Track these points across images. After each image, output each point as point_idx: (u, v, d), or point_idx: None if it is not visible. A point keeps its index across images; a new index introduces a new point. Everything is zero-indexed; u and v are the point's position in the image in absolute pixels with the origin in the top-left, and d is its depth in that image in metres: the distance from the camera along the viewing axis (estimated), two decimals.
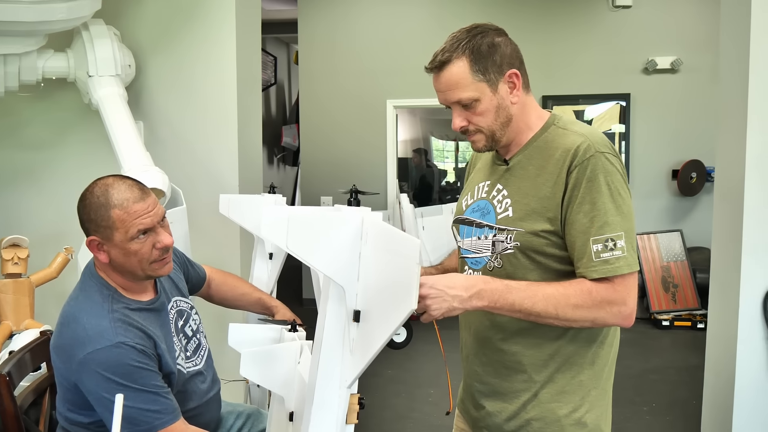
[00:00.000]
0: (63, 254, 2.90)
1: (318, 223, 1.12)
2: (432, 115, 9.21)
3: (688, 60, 6.01)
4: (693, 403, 4.02)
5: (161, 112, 3.25)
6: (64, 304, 1.71)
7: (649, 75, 6.11)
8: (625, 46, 6.07)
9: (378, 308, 1.09)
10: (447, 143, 10.00)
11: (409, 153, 9.27)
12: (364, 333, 1.12)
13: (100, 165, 3.23)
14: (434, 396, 4.25)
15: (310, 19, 6.52)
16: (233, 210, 2.32)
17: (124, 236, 1.63)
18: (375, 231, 1.11)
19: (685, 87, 6.06)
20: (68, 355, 1.59)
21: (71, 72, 2.96)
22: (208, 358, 1.93)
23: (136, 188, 1.67)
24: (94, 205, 1.64)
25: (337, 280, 1.12)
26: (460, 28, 1.48)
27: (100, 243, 1.65)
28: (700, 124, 5.99)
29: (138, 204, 1.64)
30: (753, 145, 2.72)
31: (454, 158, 9.89)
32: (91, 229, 1.66)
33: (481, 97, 1.42)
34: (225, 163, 3.20)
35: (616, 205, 1.35)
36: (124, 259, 1.65)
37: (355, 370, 1.14)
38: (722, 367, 2.94)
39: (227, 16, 3.15)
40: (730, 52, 2.92)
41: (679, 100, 6.07)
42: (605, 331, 1.47)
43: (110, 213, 1.62)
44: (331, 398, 1.19)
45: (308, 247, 1.11)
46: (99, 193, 1.64)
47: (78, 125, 3.29)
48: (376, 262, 1.10)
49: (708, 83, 5.98)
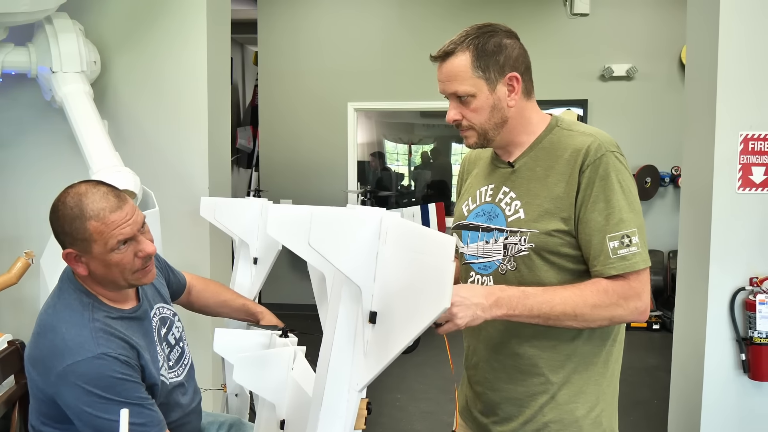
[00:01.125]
0: (23, 259, 2.75)
1: (339, 222, 1.10)
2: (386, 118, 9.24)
3: (643, 68, 6.18)
4: (655, 403, 4.11)
5: (127, 111, 3.14)
6: (41, 312, 1.60)
7: (606, 82, 6.25)
8: (583, 53, 6.20)
9: (399, 310, 1.06)
10: (399, 146, 10.04)
11: (366, 156, 9.26)
12: (381, 335, 1.09)
13: (62, 166, 3.12)
14: (402, 401, 4.23)
15: (270, 20, 6.44)
16: (219, 213, 2.26)
17: (103, 248, 1.52)
18: (398, 230, 1.09)
19: (640, 94, 6.22)
20: (46, 367, 1.49)
21: (33, 67, 2.83)
22: (190, 368, 1.85)
23: (112, 196, 1.55)
24: (68, 217, 1.52)
25: (354, 279, 1.10)
26: (472, 24, 1.47)
27: (77, 255, 1.55)
28: (654, 130, 6.16)
29: (115, 213, 1.52)
30: (721, 151, 2.78)
31: (407, 161, 9.94)
32: (66, 242, 1.55)
33: (478, 93, 1.43)
34: (195, 164, 3.11)
35: (629, 202, 1.38)
36: (104, 271, 1.56)
37: (369, 374, 1.11)
38: (690, 368, 3.00)
39: (198, 15, 3.07)
40: (696, 59, 2.98)
41: (634, 106, 6.23)
42: (617, 329, 1.49)
43: (86, 225, 1.50)
44: (339, 402, 1.15)
45: (330, 245, 1.08)
46: (72, 204, 1.52)
47: (38, 124, 3.15)
48: (397, 262, 1.08)
49: (662, 90, 6.17)
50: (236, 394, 2.30)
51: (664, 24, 6.12)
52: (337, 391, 1.15)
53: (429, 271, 1.02)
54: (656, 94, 6.19)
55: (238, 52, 9.34)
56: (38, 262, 2.69)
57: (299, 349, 1.64)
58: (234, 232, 2.24)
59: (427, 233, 1.04)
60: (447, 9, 6.22)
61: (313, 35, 6.42)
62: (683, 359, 3.10)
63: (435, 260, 1.01)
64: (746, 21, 2.74)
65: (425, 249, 1.03)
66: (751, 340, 2.77)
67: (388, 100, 6.45)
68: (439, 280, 0.99)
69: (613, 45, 6.20)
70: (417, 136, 7.34)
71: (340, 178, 6.49)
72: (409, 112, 6.88)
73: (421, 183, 7.49)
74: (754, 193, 2.78)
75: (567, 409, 1.45)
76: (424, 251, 1.04)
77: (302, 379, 1.56)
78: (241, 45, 9.37)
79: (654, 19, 6.17)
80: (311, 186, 6.44)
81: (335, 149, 6.49)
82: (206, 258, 3.13)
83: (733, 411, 2.85)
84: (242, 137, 8.70)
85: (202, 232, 3.12)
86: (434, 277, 1.00)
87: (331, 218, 1.10)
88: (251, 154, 8.25)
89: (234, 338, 1.79)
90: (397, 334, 1.06)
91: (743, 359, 2.79)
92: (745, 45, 2.75)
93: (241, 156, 9.16)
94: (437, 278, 1.00)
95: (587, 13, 6.13)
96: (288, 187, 6.45)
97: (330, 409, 1.15)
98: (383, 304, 1.10)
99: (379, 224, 1.11)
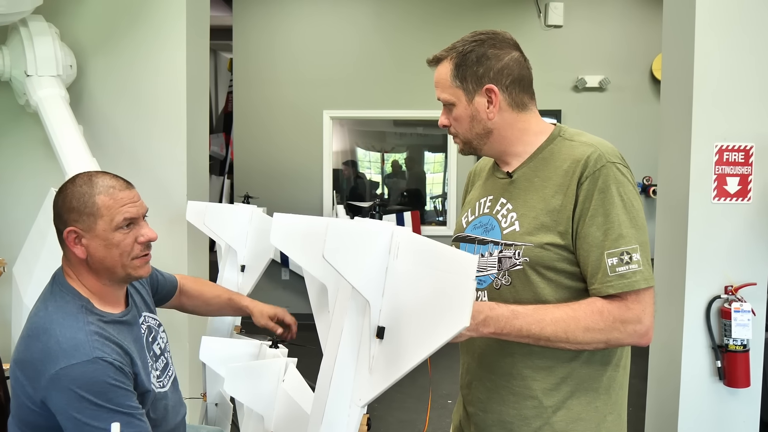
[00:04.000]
0: None
1: (355, 234, 1.08)
2: (359, 126, 9.25)
3: (615, 79, 6.28)
4: (630, 410, 4.15)
5: (103, 116, 3.08)
6: (30, 315, 1.56)
7: (579, 92, 6.34)
8: (557, 64, 6.27)
9: (411, 326, 1.04)
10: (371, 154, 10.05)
11: (340, 164, 9.25)
12: (389, 351, 1.07)
13: (36, 171, 3.04)
14: (378, 410, 4.21)
15: (245, 27, 6.40)
16: (208, 218, 2.22)
17: (108, 224, 1.54)
18: (412, 245, 1.07)
19: (612, 105, 6.33)
20: (37, 371, 1.45)
21: (6, 71, 2.77)
22: (174, 380, 1.82)
23: (120, 179, 1.62)
24: (77, 193, 1.55)
25: (364, 293, 1.07)
26: (474, 31, 1.47)
27: (78, 235, 1.55)
28: (626, 140, 6.24)
29: (124, 192, 1.58)
30: (697, 162, 2.82)
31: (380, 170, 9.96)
32: (70, 219, 1.55)
33: (457, 102, 1.43)
34: (172, 170, 3.06)
35: (630, 217, 1.31)
36: (104, 252, 1.55)
37: (374, 390, 1.09)
38: (667, 376, 3.03)
39: (178, 20, 3.03)
40: (672, 71, 3.03)
41: (606, 117, 6.33)
42: (619, 353, 1.42)
43: (95, 199, 1.54)
44: (340, 417, 1.13)
45: (344, 258, 1.06)
46: (82, 183, 1.57)
47: (11, 128, 3.07)
48: (410, 278, 1.06)
49: (634, 101, 6.29)
50: (216, 403, 2.26)
51: (636, 36, 6.24)
52: (339, 406, 1.13)
53: (446, 289, 0.99)
54: (628, 105, 6.30)
55: (211, 58, 9.27)
56: (10, 270, 2.63)
57: (291, 361, 1.61)
58: (222, 237, 2.21)
59: (445, 250, 1.02)
60: (422, 18, 6.25)
61: (289, 43, 6.39)
62: (660, 367, 3.13)
63: (454, 278, 0.98)
64: (722, 33, 2.80)
65: (444, 266, 1.01)
66: (726, 348, 2.81)
67: (363, 108, 6.45)
68: (458, 299, 0.97)
69: (587, 56, 6.29)
70: (390, 144, 7.36)
71: (316, 186, 6.46)
72: (382, 121, 6.90)
73: (396, 191, 7.49)
74: (728, 202, 2.83)
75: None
76: (442, 268, 1.01)
77: (294, 391, 1.53)
78: (214, 51, 9.31)
79: (626, 32, 6.28)
80: (286, 193, 6.40)
81: (310, 157, 6.46)
82: (184, 265, 3.08)
83: (710, 417, 2.89)
84: (215, 144, 8.62)
85: (180, 239, 3.07)
86: (452, 295, 0.98)
87: (347, 231, 1.08)
88: (224, 162, 8.19)
89: (221, 347, 1.75)
90: (409, 351, 1.04)
91: (719, 366, 2.84)
92: (720, 57, 2.80)
93: (214, 163, 9.09)
94: (456, 296, 0.98)
95: (561, 25, 6.23)
96: (262, 194, 6.40)
97: (330, 425, 1.13)
98: (392, 319, 1.08)
99: (390, 238, 1.10)
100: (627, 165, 1.38)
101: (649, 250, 1.34)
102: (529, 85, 1.47)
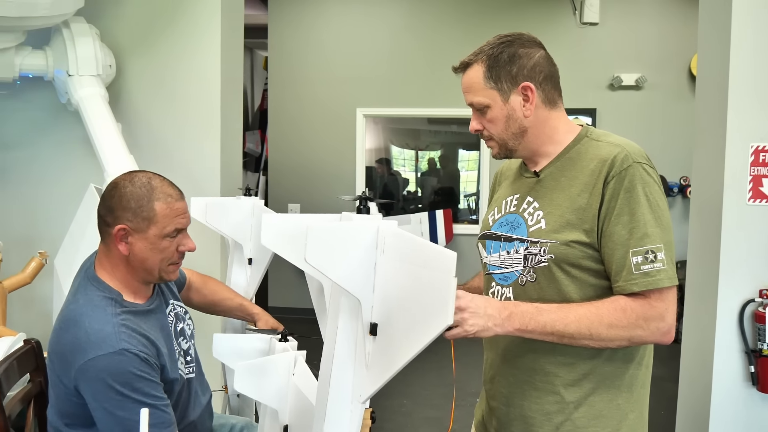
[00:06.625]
0: (37, 259, 2.77)
1: (336, 235, 1.07)
2: (393, 124, 9.28)
3: (651, 77, 6.18)
4: (661, 414, 4.10)
5: (141, 114, 3.17)
6: (63, 308, 1.64)
7: (615, 91, 6.26)
8: (592, 62, 6.21)
9: (400, 322, 1.04)
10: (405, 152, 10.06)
11: (373, 162, 9.28)
12: (383, 347, 1.07)
13: (76, 168, 3.14)
14: (407, 406, 4.23)
15: (280, 26, 6.47)
16: (210, 214, 2.22)
17: (160, 231, 1.61)
18: (396, 241, 1.07)
19: (649, 103, 6.23)
20: (67, 361, 1.52)
21: (49, 70, 2.86)
22: (199, 363, 1.88)
23: (176, 188, 1.69)
24: (136, 195, 1.61)
25: (353, 292, 1.08)
26: (498, 34, 1.48)
27: (127, 233, 1.61)
28: (662, 140, 6.16)
29: (179, 203, 1.66)
30: (732, 163, 2.78)
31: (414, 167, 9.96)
32: (124, 218, 1.61)
33: (492, 104, 1.44)
34: (207, 167, 3.13)
35: (656, 217, 1.33)
36: (148, 255, 1.62)
37: (372, 386, 1.10)
38: (698, 380, 2.99)
39: (212, 19, 3.10)
40: (707, 70, 2.98)
41: (642, 115, 6.23)
42: (642, 351, 1.43)
43: (153, 205, 1.61)
44: (343, 414, 1.14)
45: (326, 260, 1.05)
46: (141, 184, 1.62)
47: (52, 126, 3.18)
48: (396, 274, 1.06)
49: (671, 100, 6.18)
50: (237, 395, 2.30)
51: (673, 33, 6.13)
52: (340, 403, 1.14)
53: (430, 286, 0.99)
54: (665, 103, 6.19)
55: (248, 56, 9.39)
56: (52, 262, 2.72)
57: (300, 354, 1.63)
58: (225, 233, 2.20)
59: (427, 246, 1.02)
60: (455, 16, 6.24)
61: (323, 41, 6.45)
62: (691, 371, 3.10)
63: (436, 274, 0.99)
64: (758, 32, 2.74)
65: (425, 262, 1.01)
66: (760, 353, 2.76)
67: (396, 106, 6.47)
68: (440, 296, 0.97)
69: (623, 54, 6.21)
70: (424, 142, 7.35)
71: (348, 184, 6.50)
72: (417, 119, 6.90)
73: (428, 189, 7.49)
74: (764, 204, 2.78)
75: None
76: (424, 264, 1.01)
77: (303, 384, 1.55)
78: (250, 49, 9.42)
79: (664, 29, 6.18)
80: (318, 191, 6.46)
81: (343, 155, 6.51)
82: (217, 261, 3.15)
83: (741, 423, 2.84)
84: (250, 141, 8.74)
85: (213, 234, 3.14)
86: (436, 292, 0.98)
87: (327, 232, 1.07)
88: (259, 158, 8.30)
89: (233, 343, 1.78)
90: (400, 347, 1.05)
91: (752, 371, 2.79)
92: (756, 56, 2.75)
93: (249, 160, 9.22)
94: (438, 294, 0.98)
95: (596, 22, 6.15)
96: (295, 192, 6.47)
97: (334, 422, 1.14)
98: (384, 315, 1.08)
99: (376, 234, 1.09)
100: (653, 165, 1.39)
101: (674, 250, 1.35)
102: (558, 82, 1.49)
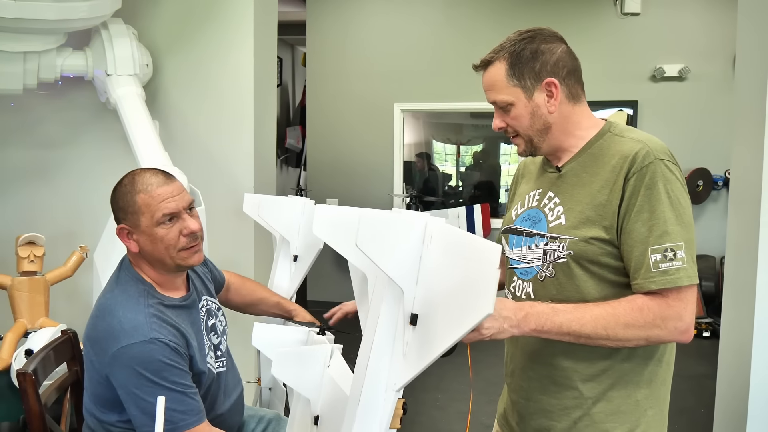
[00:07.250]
0: (78, 253, 2.89)
1: (386, 225, 1.12)
2: (434, 119, 9.26)
3: (695, 68, 6.03)
4: (701, 412, 4.02)
5: (177, 111, 3.25)
6: (99, 297, 1.71)
7: (657, 82, 6.12)
8: (633, 53, 6.08)
9: (440, 313, 1.07)
10: (447, 146, 10.03)
11: (413, 156, 9.29)
12: (422, 337, 1.10)
13: (114, 164, 3.23)
14: (441, 401, 4.25)
15: (318, 22, 6.53)
16: (263, 210, 2.32)
17: (150, 221, 1.65)
18: (443, 235, 1.11)
19: (693, 95, 6.07)
20: (102, 348, 1.59)
21: (89, 70, 2.96)
22: (230, 358, 1.93)
23: (161, 174, 1.70)
24: (122, 193, 1.68)
25: (398, 281, 1.12)
26: (518, 29, 1.47)
27: (129, 231, 1.68)
28: (707, 133, 6.00)
29: (162, 188, 1.66)
30: None
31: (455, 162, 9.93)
32: (120, 218, 1.69)
33: (516, 101, 1.43)
34: (240, 163, 3.20)
35: (677, 214, 1.31)
36: (152, 247, 1.66)
37: (407, 375, 1.12)
38: (736, 377, 2.93)
39: (245, 17, 3.15)
40: (747, 60, 2.91)
41: (686, 107, 6.08)
42: (662, 349, 1.43)
43: (136, 198, 1.65)
44: (376, 401, 1.17)
45: (376, 247, 1.11)
46: (126, 182, 1.70)
47: (93, 124, 3.29)
48: (441, 267, 1.09)
49: (715, 91, 6.00)
50: (270, 388, 2.36)
51: (717, 23, 5.95)
52: (375, 390, 1.16)
53: (473, 277, 1.02)
54: (709, 95, 6.02)
55: (289, 52, 9.49)
56: (92, 256, 2.82)
57: (336, 347, 1.67)
58: (276, 229, 2.29)
59: (472, 240, 1.05)
60: (494, 9, 6.20)
61: (361, 36, 6.48)
62: (729, 368, 3.04)
63: (480, 266, 1.01)
64: None
65: (470, 255, 1.04)
66: None
67: (435, 101, 6.46)
68: (482, 287, 1.00)
69: (665, 45, 6.06)
70: (466, 137, 7.31)
71: (386, 179, 6.53)
72: (458, 113, 6.86)
73: (469, 184, 7.46)
74: None
75: (602, 428, 1.40)
76: (469, 257, 1.04)
77: (338, 376, 1.59)
78: (291, 46, 9.51)
79: (707, 19, 6.01)
80: (356, 186, 6.51)
81: (381, 150, 6.53)
82: (250, 255, 3.22)
83: None
84: (291, 137, 8.86)
85: (247, 229, 3.21)
86: (478, 283, 1.01)
87: (379, 221, 1.12)
88: (300, 154, 8.39)
89: (272, 333, 1.83)
90: (438, 338, 1.07)
91: None
92: None
93: (290, 155, 9.33)
94: (481, 284, 1.00)
95: (638, 13, 6.02)
96: (333, 188, 6.52)
97: (367, 408, 1.17)
98: (425, 307, 1.11)
99: (424, 229, 1.13)
100: (676, 162, 1.37)
101: (695, 248, 1.33)
102: (580, 77, 1.48)
